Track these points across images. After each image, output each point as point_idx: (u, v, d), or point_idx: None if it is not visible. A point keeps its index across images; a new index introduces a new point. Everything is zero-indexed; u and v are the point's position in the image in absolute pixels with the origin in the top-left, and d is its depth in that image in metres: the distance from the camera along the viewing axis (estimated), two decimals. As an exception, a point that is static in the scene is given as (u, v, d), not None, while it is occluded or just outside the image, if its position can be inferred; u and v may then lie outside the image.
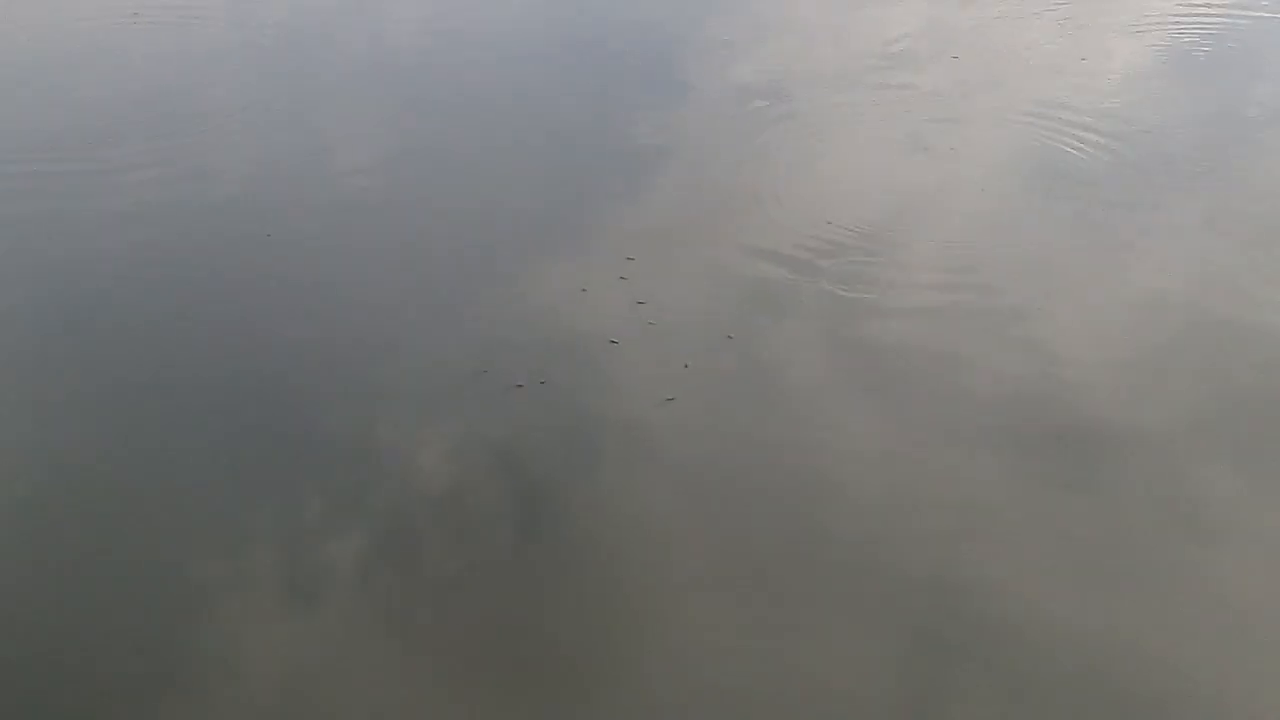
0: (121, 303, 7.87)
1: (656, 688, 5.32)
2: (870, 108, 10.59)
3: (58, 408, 6.97)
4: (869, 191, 9.19)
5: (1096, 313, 7.76)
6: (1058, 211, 8.98)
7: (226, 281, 8.10)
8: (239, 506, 6.25)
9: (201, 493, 6.35)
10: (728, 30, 12.29)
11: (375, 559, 5.94)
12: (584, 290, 7.94)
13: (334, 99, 10.72)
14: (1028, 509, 6.22)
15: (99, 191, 9.14)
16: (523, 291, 7.93)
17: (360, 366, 7.27)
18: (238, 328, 7.63)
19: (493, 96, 10.77)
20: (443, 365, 7.26)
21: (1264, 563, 5.91)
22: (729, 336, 7.50)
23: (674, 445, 6.66)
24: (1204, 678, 5.31)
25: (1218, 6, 12.61)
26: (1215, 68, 11.54)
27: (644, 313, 7.68)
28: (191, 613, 5.65)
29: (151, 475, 6.48)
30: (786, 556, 5.95)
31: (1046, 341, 7.44)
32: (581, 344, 7.43)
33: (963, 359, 7.30)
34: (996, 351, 7.37)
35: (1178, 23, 12.31)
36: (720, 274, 8.16)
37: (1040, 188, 9.32)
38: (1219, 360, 7.32)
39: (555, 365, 7.24)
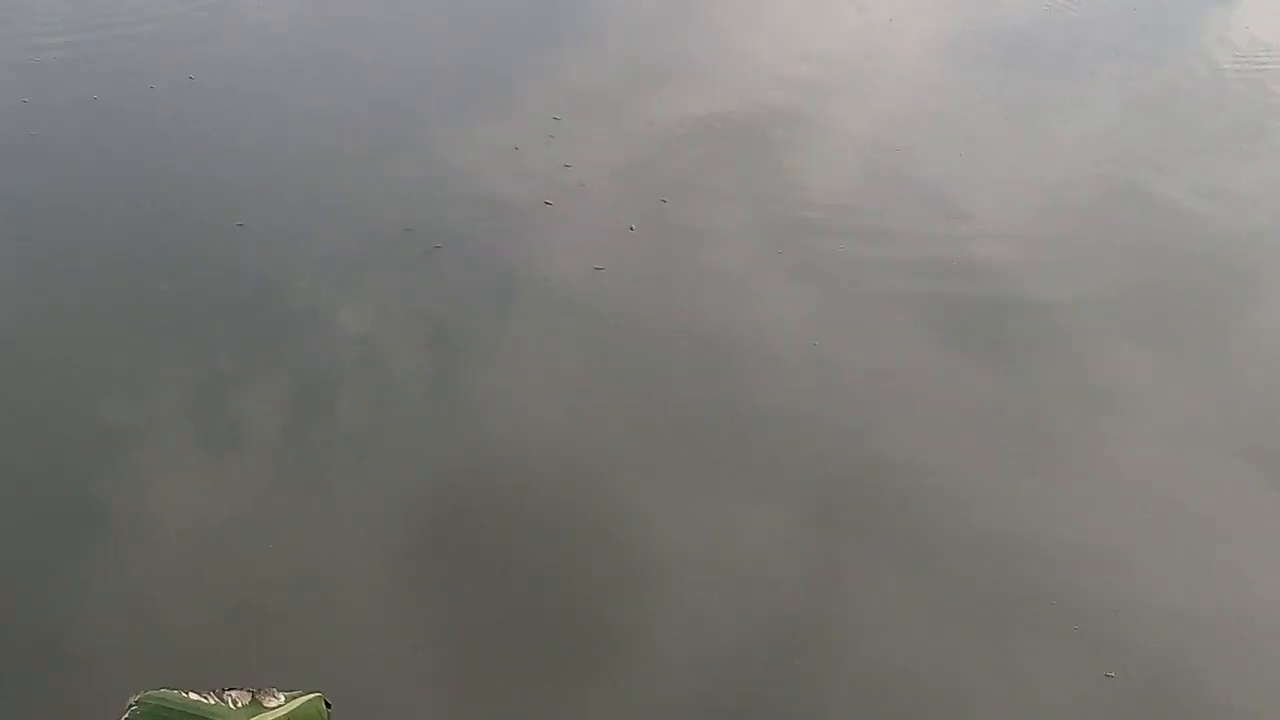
0: (38, 142, 7.63)
1: (572, 552, 5.31)
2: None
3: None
4: (799, 53, 9.11)
5: (1018, 185, 7.79)
6: (984, 80, 8.99)
7: (143, 127, 7.85)
8: (150, 355, 6.09)
9: (113, 340, 6.18)
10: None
11: (289, 413, 5.84)
12: (516, 149, 7.81)
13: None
14: (944, 380, 6.28)
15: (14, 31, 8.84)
16: (447, 150, 7.77)
17: (281, 221, 7.09)
18: (151, 173, 7.40)
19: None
20: (365, 223, 7.11)
21: (1172, 435, 6.01)
22: (663, 200, 7.42)
23: (599, 309, 6.61)
24: (1109, 548, 5.40)
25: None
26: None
27: (573, 175, 7.56)
28: (102, 463, 5.52)
29: (60, 320, 6.30)
30: (706, 423, 5.94)
31: (964, 215, 7.46)
32: (509, 205, 7.30)
33: (881, 231, 7.32)
34: (914, 225, 7.39)
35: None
36: (650, 135, 8.04)
37: (962, 57, 9.32)
38: (1135, 236, 7.41)
39: (480, 225, 7.12)
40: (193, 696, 3.63)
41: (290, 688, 3.84)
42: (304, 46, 8.95)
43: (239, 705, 3.70)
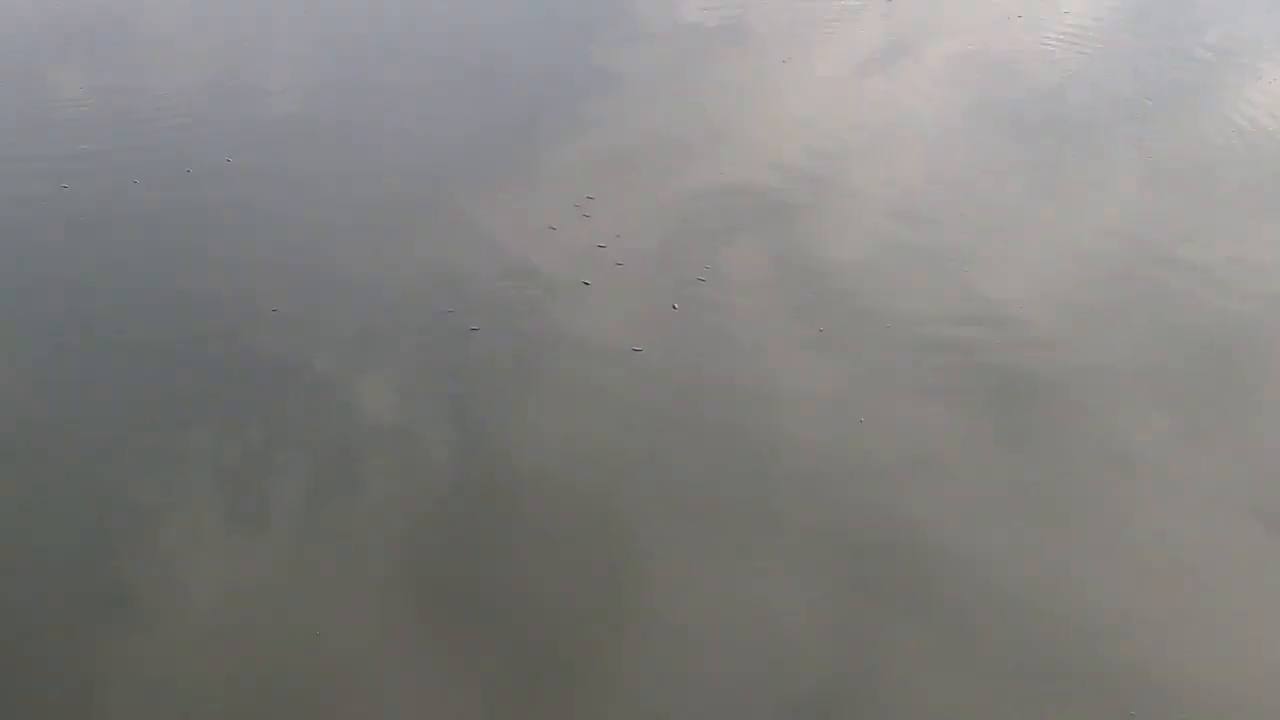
0: (64, 222, 7.73)
1: (606, 621, 5.32)
2: (822, 41, 10.56)
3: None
4: (820, 124, 9.15)
5: (1041, 260, 7.76)
6: (1002, 151, 9.00)
7: (176, 209, 7.92)
8: (183, 433, 6.14)
9: (147, 417, 6.24)
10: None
11: (318, 487, 5.85)
12: (552, 228, 7.81)
13: (274, 25, 10.45)
14: (970, 450, 6.27)
15: (39, 107, 8.95)
16: (483, 230, 7.79)
17: (317, 305, 7.12)
18: (189, 256, 7.46)
19: (442, 26, 10.60)
20: (403, 305, 7.14)
21: (1195, 503, 5.98)
22: (700, 279, 7.41)
23: (637, 390, 6.60)
24: (1138, 615, 5.39)
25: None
26: (1157, 10, 11.67)
27: (609, 254, 7.57)
28: (133, 537, 5.56)
29: (97, 401, 6.35)
30: (739, 497, 5.95)
31: (989, 287, 7.44)
32: (547, 286, 7.32)
33: (909, 302, 7.31)
34: (941, 297, 7.38)
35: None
36: (682, 211, 8.08)
37: (985, 126, 9.35)
38: (1158, 308, 7.37)
39: (518, 307, 7.14)
40: None
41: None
42: (336, 123, 9.02)
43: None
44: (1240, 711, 4.97)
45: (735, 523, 5.82)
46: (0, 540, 5.56)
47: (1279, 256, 7.95)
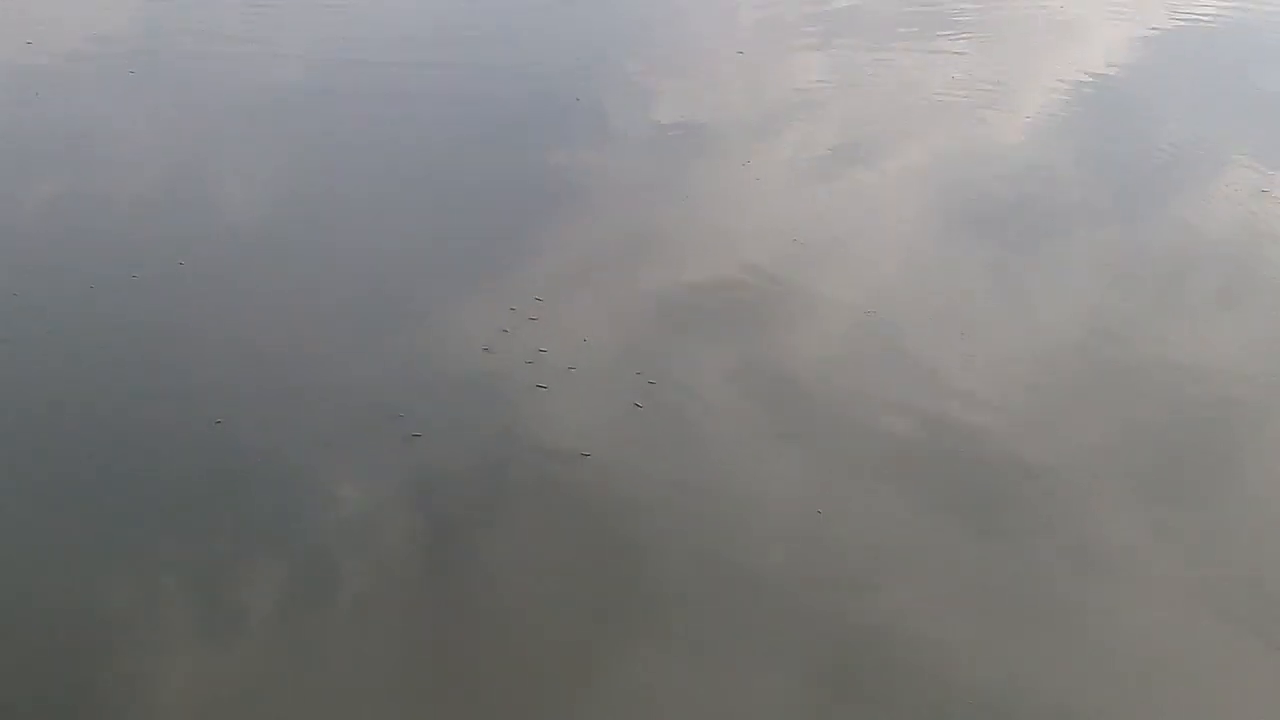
0: (13, 335, 7.66)
1: None
2: (781, 147, 10.67)
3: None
4: (780, 229, 9.19)
5: (1006, 355, 7.81)
6: (967, 250, 9.08)
7: (121, 319, 7.87)
8: (140, 544, 6.11)
9: (103, 529, 6.19)
10: (640, 70, 12.35)
11: (276, 608, 5.81)
12: (505, 331, 7.78)
13: (225, 135, 10.52)
14: (935, 550, 6.28)
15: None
16: (432, 339, 7.76)
17: (262, 415, 7.07)
18: (136, 365, 7.42)
19: (391, 134, 10.65)
20: (350, 412, 7.09)
21: (1161, 600, 6.02)
22: (651, 382, 7.37)
23: (590, 493, 6.58)
24: (1109, 714, 5.40)
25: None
26: (1117, 110, 11.84)
27: (557, 359, 7.53)
28: (101, 648, 5.52)
29: (55, 509, 6.31)
30: (699, 600, 5.94)
31: (952, 383, 7.47)
32: (494, 393, 7.29)
33: (872, 401, 7.32)
34: (904, 394, 7.38)
35: (1078, 75, 12.59)
36: (635, 312, 8.11)
37: (949, 226, 9.43)
38: (1124, 405, 7.41)
39: (466, 414, 7.11)
40: None
41: None
42: (291, 227, 9.05)
43: None
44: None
45: (700, 622, 5.81)
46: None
47: (1245, 352, 8.00)
